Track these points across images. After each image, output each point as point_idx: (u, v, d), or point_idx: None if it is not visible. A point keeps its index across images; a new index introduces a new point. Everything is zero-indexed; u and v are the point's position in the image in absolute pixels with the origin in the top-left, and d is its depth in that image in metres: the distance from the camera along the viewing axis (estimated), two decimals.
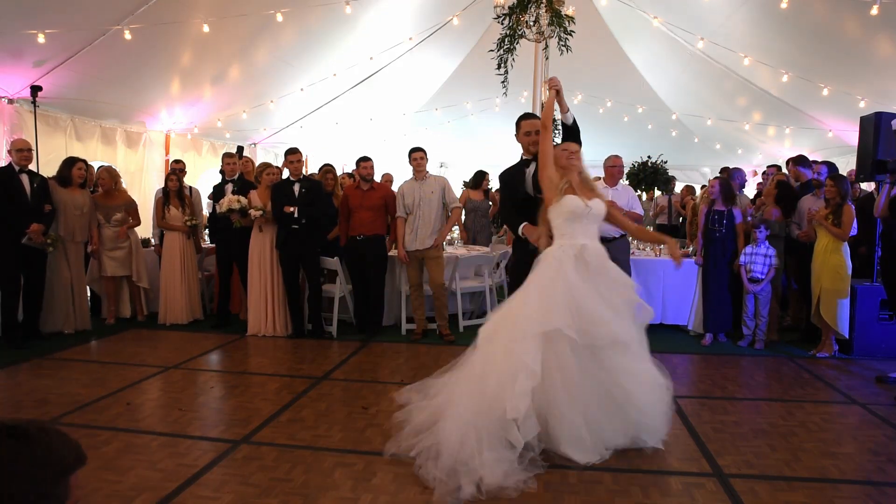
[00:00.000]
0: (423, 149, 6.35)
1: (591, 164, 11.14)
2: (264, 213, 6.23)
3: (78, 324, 6.39)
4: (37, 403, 4.24)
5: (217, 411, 4.31)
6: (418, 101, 12.53)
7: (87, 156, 7.86)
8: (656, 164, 11.86)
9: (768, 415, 4.24)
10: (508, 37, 6.35)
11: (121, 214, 6.75)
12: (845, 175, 6.29)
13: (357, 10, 7.82)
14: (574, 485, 3.13)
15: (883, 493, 3.07)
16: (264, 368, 5.31)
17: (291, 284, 6.30)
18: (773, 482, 3.18)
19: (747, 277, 5.99)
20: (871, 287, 5.75)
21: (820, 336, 5.86)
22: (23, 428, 0.96)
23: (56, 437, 1.00)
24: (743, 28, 8.20)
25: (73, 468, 1.02)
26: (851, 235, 5.63)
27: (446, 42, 10.20)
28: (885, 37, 6.87)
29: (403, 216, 6.30)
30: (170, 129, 9.36)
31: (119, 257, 6.76)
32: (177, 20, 6.74)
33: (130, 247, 6.88)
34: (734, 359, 5.69)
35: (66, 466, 1.00)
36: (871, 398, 4.57)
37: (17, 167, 5.79)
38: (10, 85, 6.72)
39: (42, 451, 0.95)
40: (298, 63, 9.08)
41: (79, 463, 1.04)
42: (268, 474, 3.21)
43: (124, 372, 5.04)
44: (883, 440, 3.77)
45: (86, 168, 6.42)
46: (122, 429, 3.81)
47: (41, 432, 0.99)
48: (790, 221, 6.31)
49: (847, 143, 9.38)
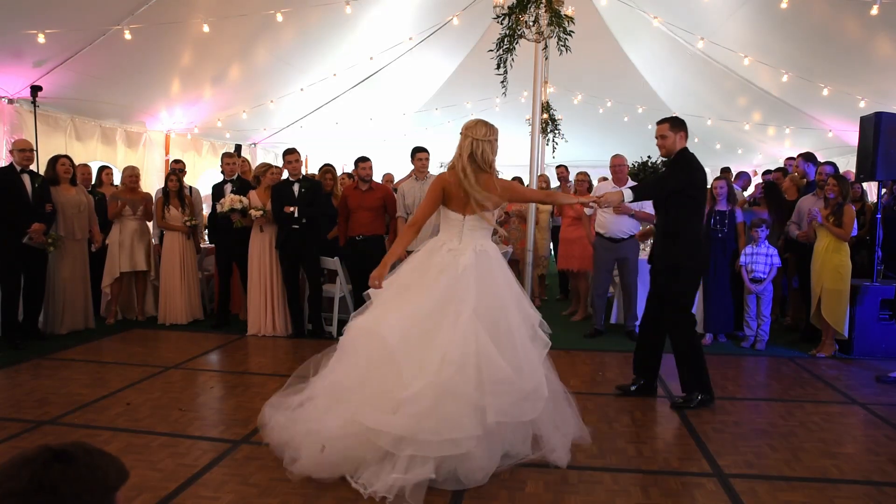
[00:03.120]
0: (427, 149, 6.35)
1: (592, 164, 11.20)
2: (265, 214, 6.23)
3: (79, 323, 6.39)
4: (37, 403, 4.24)
5: (217, 411, 4.31)
6: (418, 101, 12.54)
7: (86, 156, 7.90)
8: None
9: (768, 415, 4.24)
10: (508, 37, 6.35)
11: (143, 207, 6.92)
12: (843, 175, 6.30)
13: (357, 10, 7.82)
14: (574, 485, 3.13)
15: (883, 493, 3.06)
16: (264, 368, 5.31)
17: (291, 284, 6.30)
18: (773, 482, 3.18)
19: (749, 278, 5.98)
20: (872, 287, 5.74)
21: (820, 336, 5.86)
22: (68, 451, 1.00)
23: (99, 457, 1.04)
24: (743, 28, 8.20)
25: (117, 485, 1.05)
26: (851, 235, 5.63)
27: (446, 42, 10.21)
28: (885, 37, 6.87)
29: (404, 216, 6.29)
30: (170, 129, 9.35)
31: (141, 249, 6.85)
32: (177, 20, 6.74)
33: (149, 242, 6.99)
34: (734, 359, 5.68)
35: (111, 484, 1.04)
36: (871, 398, 4.56)
37: (19, 167, 5.78)
38: (10, 85, 6.72)
39: (88, 471, 0.99)
40: (298, 63, 9.08)
41: (122, 479, 1.07)
42: (268, 474, 3.21)
43: (124, 372, 5.04)
44: (883, 440, 3.77)
45: (71, 164, 6.33)
46: (122, 429, 3.81)
47: (85, 454, 1.03)
48: (790, 222, 6.31)
49: (847, 143, 9.38)
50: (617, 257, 6.33)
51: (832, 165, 6.36)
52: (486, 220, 3.38)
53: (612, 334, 6.50)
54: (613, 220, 6.15)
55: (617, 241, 6.20)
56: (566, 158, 10.79)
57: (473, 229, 3.33)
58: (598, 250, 6.40)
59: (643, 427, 3.97)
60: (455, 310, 3.10)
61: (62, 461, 0.98)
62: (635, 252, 6.37)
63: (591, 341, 6.28)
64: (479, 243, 3.31)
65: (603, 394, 4.65)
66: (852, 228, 5.55)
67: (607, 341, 6.27)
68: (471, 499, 2.97)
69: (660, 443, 3.74)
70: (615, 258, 6.34)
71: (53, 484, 0.94)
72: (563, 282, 8.61)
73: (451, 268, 3.22)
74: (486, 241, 3.38)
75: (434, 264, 3.28)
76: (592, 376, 5.12)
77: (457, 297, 3.13)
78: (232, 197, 6.35)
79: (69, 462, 0.98)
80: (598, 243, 6.40)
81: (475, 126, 3.33)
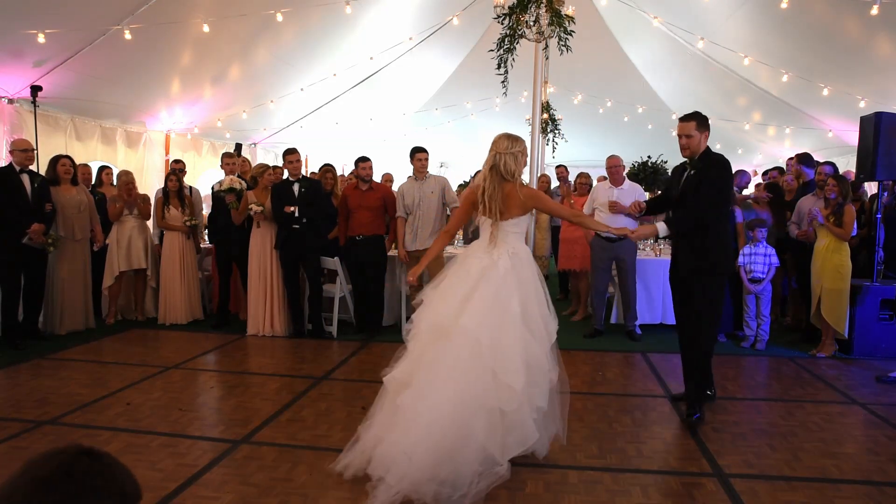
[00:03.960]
0: (426, 149, 6.35)
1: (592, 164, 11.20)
2: (263, 210, 6.24)
3: (78, 324, 6.39)
4: (37, 403, 4.24)
5: (217, 411, 4.31)
6: (418, 101, 12.54)
7: (87, 156, 7.90)
8: (656, 164, 11.87)
9: (768, 415, 4.24)
10: (508, 37, 6.34)
11: (137, 209, 6.94)
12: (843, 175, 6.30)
13: (357, 10, 7.82)
14: (574, 485, 3.13)
15: (883, 493, 3.07)
16: (264, 368, 5.31)
17: (291, 284, 6.30)
18: (773, 482, 3.18)
19: (748, 278, 5.98)
20: (872, 287, 5.74)
21: (820, 336, 5.86)
22: (97, 451, 1.06)
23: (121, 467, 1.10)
24: (743, 28, 8.21)
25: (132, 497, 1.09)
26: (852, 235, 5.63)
27: (446, 42, 10.21)
28: (885, 37, 6.88)
29: (403, 216, 6.30)
30: (170, 129, 9.36)
31: (139, 247, 6.86)
32: (177, 20, 6.74)
33: (148, 240, 7.01)
34: (734, 359, 5.68)
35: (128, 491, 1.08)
36: (871, 398, 4.57)
37: (19, 167, 5.78)
38: (10, 85, 6.72)
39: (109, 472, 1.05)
40: (298, 63, 9.08)
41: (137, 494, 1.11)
42: (268, 474, 3.21)
43: (124, 372, 5.04)
44: (883, 440, 3.77)
45: (72, 164, 6.34)
46: (122, 429, 3.81)
47: (111, 458, 1.09)
48: (791, 222, 6.31)
49: (847, 143, 9.38)
50: (614, 257, 6.33)
51: (831, 165, 6.36)
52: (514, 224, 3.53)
53: (612, 334, 6.50)
54: (610, 220, 6.14)
55: (613, 240, 6.19)
56: (566, 158, 10.80)
57: (506, 233, 3.52)
58: (595, 249, 6.41)
59: (643, 427, 3.97)
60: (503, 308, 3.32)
61: (90, 456, 1.04)
62: (632, 252, 6.38)
63: (591, 341, 6.28)
64: (511, 247, 3.50)
65: (603, 394, 4.65)
66: (853, 228, 5.55)
67: (607, 341, 6.27)
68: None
69: (660, 443, 3.74)
70: (612, 257, 6.35)
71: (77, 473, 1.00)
72: (563, 282, 8.61)
73: (491, 270, 3.41)
74: (518, 243, 3.57)
75: (474, 266, 3.47)
76: (592, 376, 5.12)
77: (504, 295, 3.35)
78: (232, 178, 6.39)
79: (97, 458, 1.04)
80: (595, 243, 6.40)
81: (499, 140, 3.57)
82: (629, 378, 5.15)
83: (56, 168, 6.21)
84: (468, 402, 3.07)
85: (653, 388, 4.79)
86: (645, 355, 5.77)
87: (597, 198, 6.47)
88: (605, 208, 6.16)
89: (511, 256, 3.45)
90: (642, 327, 6.54)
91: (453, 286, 3.41)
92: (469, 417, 3.04)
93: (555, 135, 10.18)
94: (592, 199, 6.52)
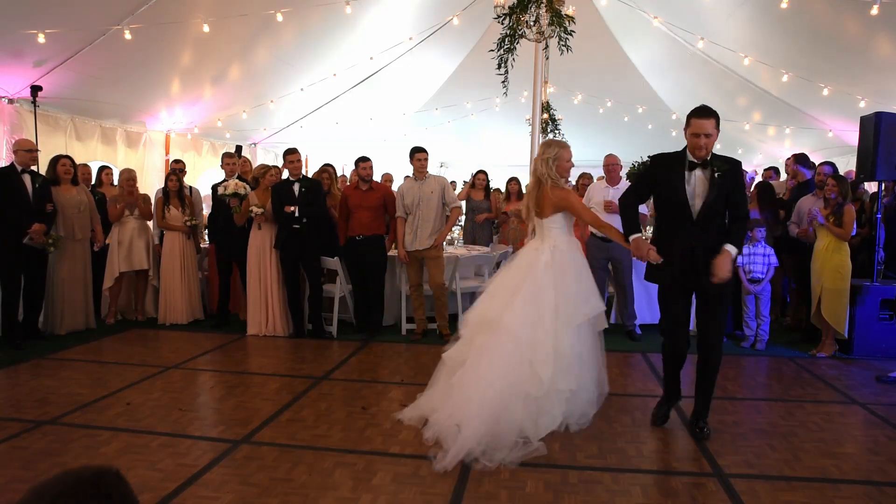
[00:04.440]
0: (426, 149, 6.35)
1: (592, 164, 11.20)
2: (264, 211, 6.24)
3: (79, 324, 6.39)
4: (37, 403, 4.24)
5: (217, 411, 4.31)
6: (418, 101, 12.53)
7: (87, 156, 7.90)
8: None
9: (768, 415, 4.24)
10: (508, 37, 6.34)
11: (137, 209, 6.95)
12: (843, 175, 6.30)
13: (357, 10, 7.82)
14: (574, 485, 3.13)
15: (883, 493, 3.06)
16: (264, 368, 5.31)
17: (291, 284, 6.30)
18: (773, 482, 3.18)
19: (747, 278, 5.99)
20: (872, 287, 5.74)
21: (820, 336, 5.86)
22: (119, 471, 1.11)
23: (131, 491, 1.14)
24: (743, 28, 8.20)
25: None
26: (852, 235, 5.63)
27: (446, 42, 10.20)
28: (885, 37, 6.87)
29: (403, 216, 6.29)
30: (170, 129, 9.36)
31: (141, 248, 6.86)
32: (177, 20, 6.74)
33: (149, 241, 7.01)
34: (734, 359, 5.68)
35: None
36: (871, 398, 4.57)
37: (21, 167, 5.78)
38: (10, 85, 6.72)
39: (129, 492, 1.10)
40: (298, 63, 9.08)
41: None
42: (268, 474, 3.21)
43: (124, 372, 5.04)
44: (883, 440, 3.77)
45: (72, 164, 6.34)
46: (122, 429, 3.81)
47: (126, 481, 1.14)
48: (790, 222, 6.31)
49: (847, 143, 9.38)
50: (609, 257, 6.33)
51: (831, 165, 6.37)
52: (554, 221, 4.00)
53: (612, 334, 6.48)
54: (605, 220, 6.13)
55: (609, 240, 6.19)
56: None
57: (549, 229, 4.01)
58: (591, 249, 6.39)
59: (643, 427, 3.97)
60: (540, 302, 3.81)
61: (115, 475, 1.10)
62: (628, 252, 6.35)
63: None
64: (554, 241, 3.97)
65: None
66: (853, 228, 5.56)
67: (607, 341, 6.15)
68: (471, 498, 2.97)
69: (660, 443, 3.74)
70: (608, 257, 6.34)
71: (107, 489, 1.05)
72: None
73: (535, 266, 3.91)
74: (561, 238, 4.01)
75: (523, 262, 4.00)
76: None
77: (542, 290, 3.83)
78: (237, 182, 6.39)
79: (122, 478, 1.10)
80: (591, 242, 6.40)
81: (540, 146, 4.14)
82: (629, 378, 5.15)
83: (56, 168, 6.21)
84: (509, 388, 3.60)
85: (653, 388, 4.78)
86: (645, 355, 5.77)
87: (592, 197, 6.47)
88: (601, 208, 6.16)
89: (552, 250, 3.91)
90: (642, 327, 6.54)
91: (504, 281, 3.97)
92: (509, 400, 3.57)
93: (555, 135, 10.18)
94: (588, 199, 6.51)
